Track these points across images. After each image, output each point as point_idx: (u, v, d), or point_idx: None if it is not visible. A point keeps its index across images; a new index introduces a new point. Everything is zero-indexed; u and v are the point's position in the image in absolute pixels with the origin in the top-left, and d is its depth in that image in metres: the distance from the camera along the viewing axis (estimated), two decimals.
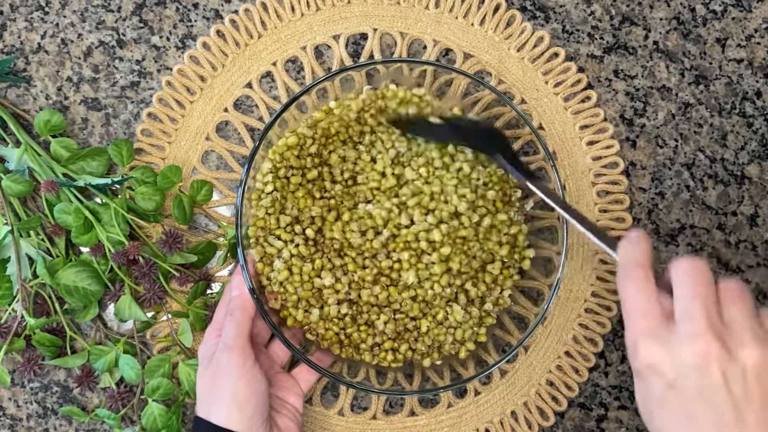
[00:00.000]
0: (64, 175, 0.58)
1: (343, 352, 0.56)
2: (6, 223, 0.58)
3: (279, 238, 0.55)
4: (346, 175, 0.56)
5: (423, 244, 0.55)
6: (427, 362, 0.57)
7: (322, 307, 0.55)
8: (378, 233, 0.55)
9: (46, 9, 0.63)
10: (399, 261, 0.55)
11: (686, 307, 0.40)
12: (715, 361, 0.39)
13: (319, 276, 0.55)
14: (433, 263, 0.55)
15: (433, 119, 0.57)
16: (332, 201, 0.56)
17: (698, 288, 0.40)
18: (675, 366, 0.40)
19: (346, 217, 0.55)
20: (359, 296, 0.55)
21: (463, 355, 0.57)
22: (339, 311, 0.55)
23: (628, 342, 0.42)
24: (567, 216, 0.50)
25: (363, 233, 0.55)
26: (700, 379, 0.39)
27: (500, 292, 0.58)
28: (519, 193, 0.58)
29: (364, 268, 0.55)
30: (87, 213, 0.56)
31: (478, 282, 0.56)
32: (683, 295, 0.41)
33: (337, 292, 0.55)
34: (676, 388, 0.40)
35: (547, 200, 0.51)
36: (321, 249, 0.55)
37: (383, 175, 0.56)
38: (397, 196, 0.56)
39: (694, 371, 0.39)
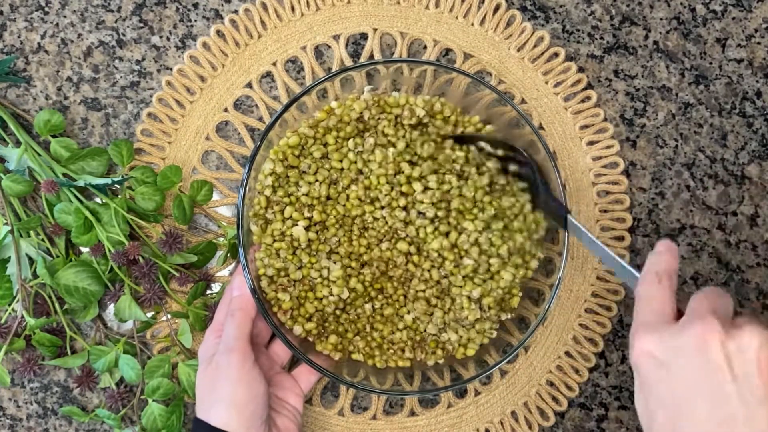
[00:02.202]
0: (64, 175, 0.58)
1: (357, 354, 0.57)
2: (6, 223, 0.58)
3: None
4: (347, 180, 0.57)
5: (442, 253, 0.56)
6: (431, 361, 0.58)
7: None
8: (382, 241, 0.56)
9: (46, 9, 0.63)
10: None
11: (694, 307, 0.40)
12: (716, 340, 0.37)
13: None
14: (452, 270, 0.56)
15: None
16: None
17: (711, 298, 0.40)
18: (670, 349, 0.38)
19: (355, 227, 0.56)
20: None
21: (459, 356, 0.58)
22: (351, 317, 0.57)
23: (630, 339, 0.42)
24: (596, 250, 0.51)
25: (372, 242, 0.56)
26: (698, 357, 0.37)
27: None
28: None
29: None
30: (87, 213, 0.56)
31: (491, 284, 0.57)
32: (694, 301, 0.41)
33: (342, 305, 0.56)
34: (670, 369, 0.38)
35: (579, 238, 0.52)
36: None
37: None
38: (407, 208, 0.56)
39: (693, 351, 0.37)
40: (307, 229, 0.56)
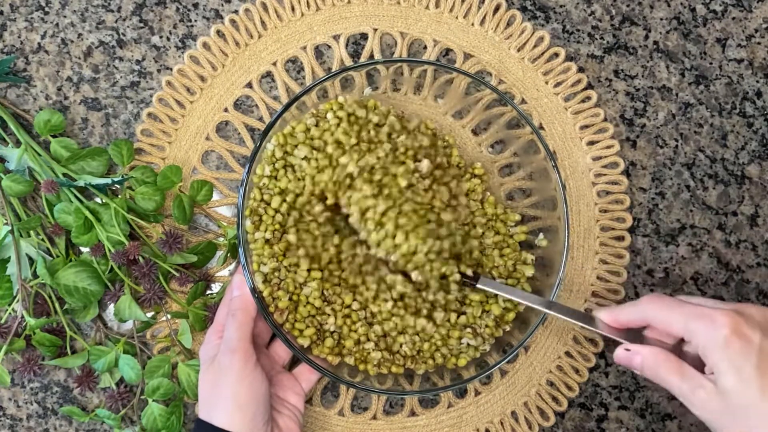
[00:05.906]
0: (64, 175, 0.58)
1: (347, 359, 0.57)
2: (6, 223, 0.58)
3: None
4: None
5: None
6: (421, 370, 0.58)
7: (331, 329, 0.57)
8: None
9: (46, 9, 0.63)
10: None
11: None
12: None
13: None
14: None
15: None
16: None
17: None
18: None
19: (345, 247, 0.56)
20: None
21: (450, 365, 0.58)
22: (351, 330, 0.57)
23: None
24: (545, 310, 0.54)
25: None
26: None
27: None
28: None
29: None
30: (87, 213, 0.56)
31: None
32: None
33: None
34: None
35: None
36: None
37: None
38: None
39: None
40: (288, 216, 0.56)
